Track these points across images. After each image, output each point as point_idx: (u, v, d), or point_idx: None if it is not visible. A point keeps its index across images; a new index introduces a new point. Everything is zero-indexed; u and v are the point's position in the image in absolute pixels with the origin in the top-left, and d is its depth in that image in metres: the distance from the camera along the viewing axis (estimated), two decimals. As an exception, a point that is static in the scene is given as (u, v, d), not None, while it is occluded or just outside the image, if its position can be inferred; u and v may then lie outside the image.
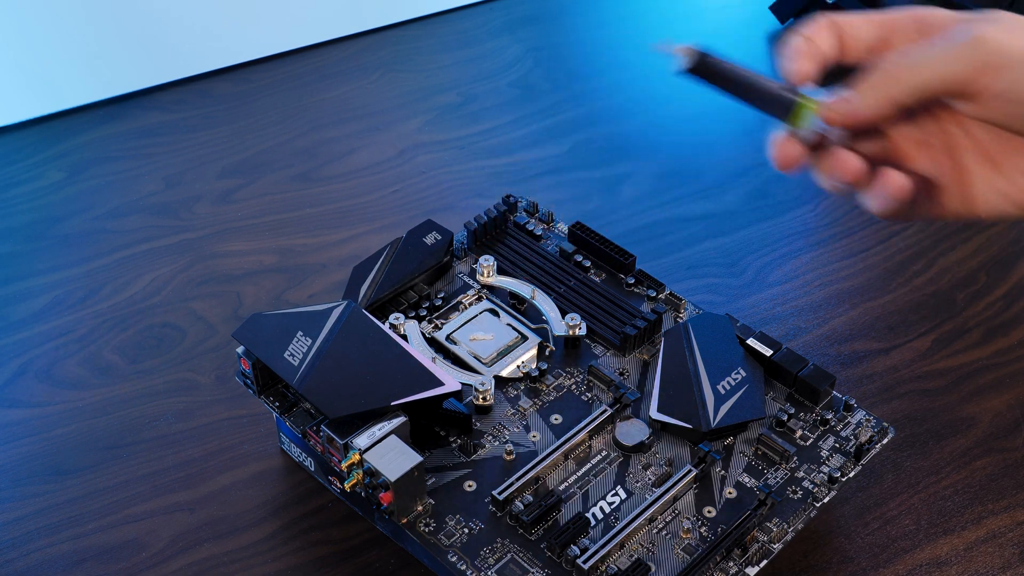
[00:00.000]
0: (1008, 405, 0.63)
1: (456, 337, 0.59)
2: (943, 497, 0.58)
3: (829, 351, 0.66)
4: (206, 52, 0.91)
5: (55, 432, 0.61)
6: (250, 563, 0.55)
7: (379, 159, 0.82)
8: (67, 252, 0.73)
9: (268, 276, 0.72)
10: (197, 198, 0.78)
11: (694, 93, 0.52)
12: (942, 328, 0.68)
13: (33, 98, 0.85)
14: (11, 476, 0.59)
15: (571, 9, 1.02)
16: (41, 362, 0.65)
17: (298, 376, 0.51)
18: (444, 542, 0.50)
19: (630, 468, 0.53)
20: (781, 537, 0.50)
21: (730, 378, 0.55)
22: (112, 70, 0.87)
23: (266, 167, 0.81)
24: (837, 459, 0.54)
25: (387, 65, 0.93)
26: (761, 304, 0.70)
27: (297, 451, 0.57)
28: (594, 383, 0.58)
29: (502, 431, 0.55)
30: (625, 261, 0.63)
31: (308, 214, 0.77)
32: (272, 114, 0.87)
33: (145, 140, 0.84)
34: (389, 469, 0.49)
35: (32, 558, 0.55)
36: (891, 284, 0.71)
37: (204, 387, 0.64)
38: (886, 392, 0.64)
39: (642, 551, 0.50)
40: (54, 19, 0.84)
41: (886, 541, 0.56)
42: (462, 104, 0.88)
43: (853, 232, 0.76)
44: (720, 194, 0.79)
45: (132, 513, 0.57)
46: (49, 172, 0.81)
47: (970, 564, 0.55)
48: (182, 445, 0.60)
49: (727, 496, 0.52)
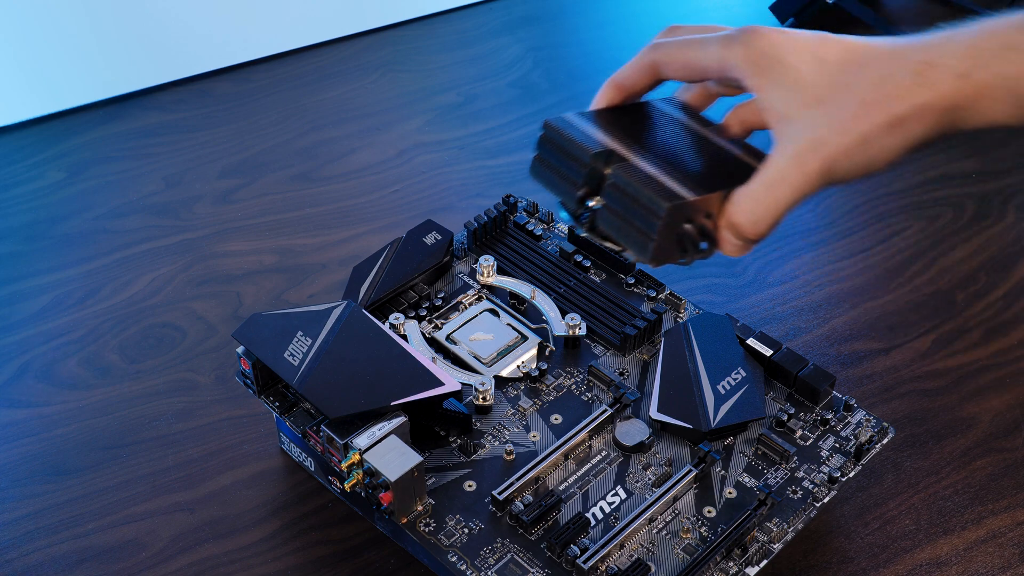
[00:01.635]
0: (1008, 405, 0.63)
1: (456, 337, 0.59)
2: (943, 497, 0.58)
3: (829, 351, 0.66)
4: (206, 52, 0.91)
5: (55, 432, 0.61)
6: (250, 563, 0.55)
7: (379, 159, 0.82)
8: (67, 252, 0.73)
9: (268, 276, 0.72)
10: (197, 198, 0.78)
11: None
12: (942, 328, 0.68)
13: (33, 98, 0.85)
14: (11, 476, 0.59)
15: (571, 9, 1.02)
16: (41, 362, 0.65)
17: (298, 376, 0.51)
18: (444, 542, 0.50)
19: (630, 468, 0.53)
20: (781, 537, 0.50)
21: (730, 378, 0.55)
22: (112, 70, 0.87)
23: (266, 167, 0.81)
24: (837, 459, 0.54)
25: (387, 65, 0.93)
26: (761, 304, 0.70)
27: (297, 451, 0.57)
28: (594, 383, 0.58)
29: (502, 431, 0.55)
30: (625, 261, 0.63)
31: (308, 214, 0.77)
32: (272, 114, 0.87)
33: (145, 140, 0.84)
34: (389, 469, 0.49)
35: (32, 558, 0.55)
36: (891, 284, 0.71)
37: (204, 387, 0.64)
38: (886, 392, 0.64)
39: (642, 551, 0.50)
40: (54, 19, 0.85)
41: (886, 541, 0.56)
42: (462, 104, 0.88)
43: (853, 232, 0.76)
44: (720, 194, 0.79)
45: (132, 513, 0.57)
46: (49, 172, 0.81)
47: (970, 564, 0.55)
48: (182, 445, 0.60)
49: (727, 496, 0.52)
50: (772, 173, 0.40)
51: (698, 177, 0.43)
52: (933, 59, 0.39)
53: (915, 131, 0.40)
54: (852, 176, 0.41)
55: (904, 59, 0.40)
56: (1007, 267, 0.73)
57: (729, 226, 0.42)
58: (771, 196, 0.41)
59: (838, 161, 0.40)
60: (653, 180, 0.42)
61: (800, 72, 0.40)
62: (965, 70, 0.39)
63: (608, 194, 0.43)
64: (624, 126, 0.45)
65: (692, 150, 0.45)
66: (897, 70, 0.39)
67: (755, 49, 0.41)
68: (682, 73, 0.44)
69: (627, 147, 0.44)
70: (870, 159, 0.40)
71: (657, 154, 0.44)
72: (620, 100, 0.46)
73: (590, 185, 0.43)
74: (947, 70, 0.39)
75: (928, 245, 0.75)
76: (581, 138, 0.43)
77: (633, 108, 0.47)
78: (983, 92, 0.39)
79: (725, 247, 0.43)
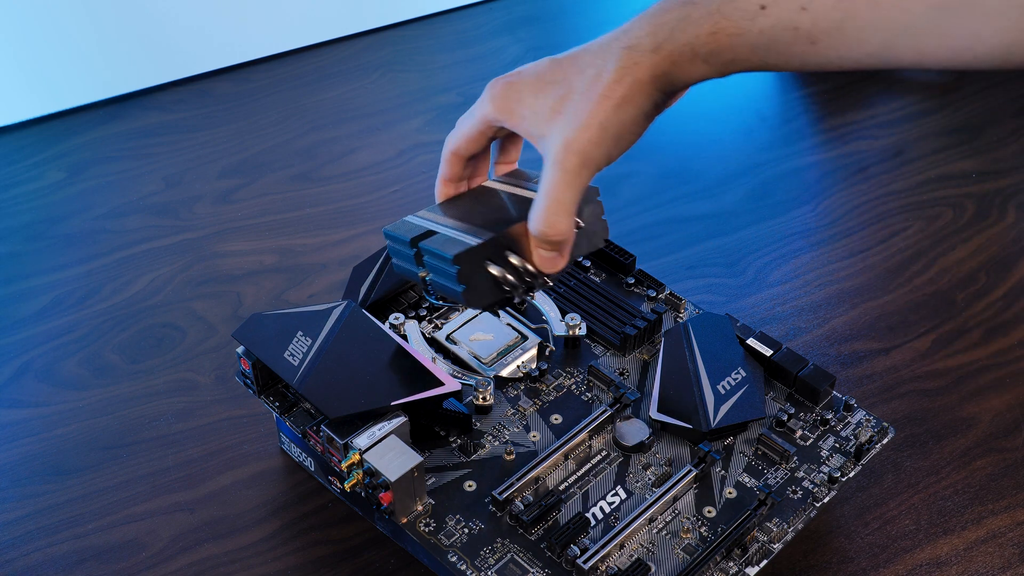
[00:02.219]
0: (1008, 405, 0.63)
1: (456, 337, 0.59)
2: (943, 497, 0.58)
3: (829, 351, 0.66)
4: (206, 52, 0.91)
5: (55, 432, 0.61)
6: (250, 563, 0.55)
7: (379, 159, 0.83)
8: (67, 252, 0.73)
9: (268, 276, 0.72)
10: (197, 198, 0.78)
11: (694, 93, 0.52)
12: (942, 328, 0.68)
13: (33, 98, 0.85)
14: (11, 476, 0.59)
15: (571, 9, 1.02)
16: (41, 362, 0.65)
17: (298, 376, 0.51)
18: (444, 542, 0.50)
19: (630, 468, 0.53)
20: (781, 537, 0.50)
21: (730, 378, 0.55)
22: (112, 70, 0.88)
23: (266, 167, 0.81)
24: (837, 459, 0.54)
25: (387, 65, 0.93)
26: (761, 304, 0.70)
27: (297, 451, 0.57)
28: (594, 383, 0.58)
29: (502, 431, 0.55)
30: (625, 261, 0.63)
31: (308, 214, 0.77)
32: (272, 114, 0.87)
33: (145, 140, 0.84)
34: (389, 469, 0.49)
35: (32, 558, 0.55)
36: (891, 284, 0.71)
37: (204, 387, 0.64)
38: (886, 392, 0.64)
39: (642, 551, 0.50)
40: (54, 19, 0.85)
41: (886, 541, 0.56)
42: (462, 104, 0.88)
43: (853, 232, 0.76)
44: (720, 194, 0.79)
45: (132, 513, 0.57)
46: (49, 172, 0.81)
47: (970, 564, 0.55)
48: (182, 445, 0.60)
49: (727, 496, 0.52)
50: (546, 182, 0.46)
51: (493, 224, 0.50)
52: (631, 42, 0.46)
53: (641, 103, 0.46)
54: (612, 155, 0.46)
55: (610, 50, 0.46)
56: (1007, 267, 0.73)
57: (535, 241, 0.48)
58: (553, 199, 0.46)
59: (589, 150, 0.46)
60: (449, 240, 0.49)
61: (535, 98, 0.48)
62: (655, 45, 0.45)
63: (426, 263, 0.50)
64: (445, 209, 0.52)
65: (495, 205, 0.52)
66: (607, 61, 0.46)
67: (500, 99, 0.49)
68: (469, 145, 0.52)
69: (439, 223, 0.51)
70: (617, 136, 0.46)
71: (463, 220, 0.51)
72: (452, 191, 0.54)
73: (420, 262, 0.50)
74: (642, 49, 0.45)
75: (928, 245, 0.75)
76: (403, 231, 0.51)
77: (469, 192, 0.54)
78: (675, 59, 0.45)
79: (542, 265, 0.49)
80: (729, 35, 0.44)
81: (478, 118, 0.50)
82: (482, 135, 0.51)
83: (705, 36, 0.45)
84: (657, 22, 0.46)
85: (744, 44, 0.45)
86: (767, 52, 0.45)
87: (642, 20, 0.46)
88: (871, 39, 0.43)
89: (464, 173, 0.54)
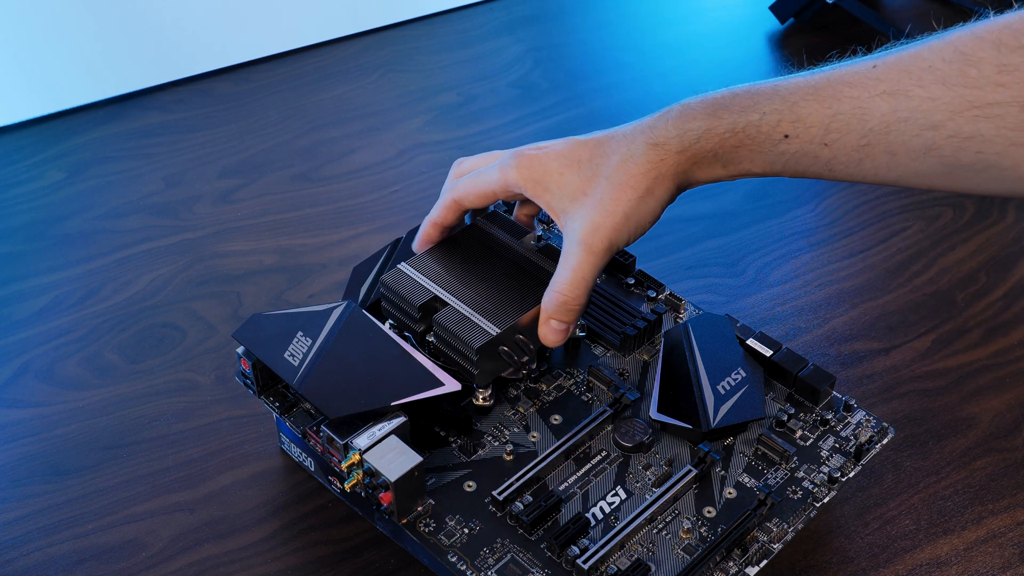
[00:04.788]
0: (1008, 405, 0.63)
1: (456, 337, 0.59)
2: (943, 497, 0.58)
3: (829, 351, 0.66)
4: (206, 52, 0.91)
5: (55, 432, 0.61)
6: (250, 563, 0.55)
7: (379, 159, 0.83)
8: (67, 252, 0.73)
9: (268, 276, 0.72)
10: (197, 198, 0.78)
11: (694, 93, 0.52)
12: (942, 328, 0.68)
13: (33, 98, 0.85)
14: (11, 476, 0.59)
15: (571, 9, 1.02)
16: (41, 362, 0.65)
17: (298, 376, 0.51)
18: (444, 542, 0.50)
19: (630, 468, 0.53)
20: (781, 537, 0.50)
21: (730, 378, 0.55)
22: (112, 70, 0.87)
23: (266, 167, 0.81)
24: (837, 459, 0.54)
25: (387, 65, 0.93)
26: (761, 304, 0.70)
27: (297, 451, 0.57)
28: (594, 383, 0.58)
29: (502, 431, 0.55)
30: (625, 261, 0.63)
31: (308, 214, 0.77)
32: (272, 114, 0.87)
33: (145, 140, 0.84)
34: (389, 469, 0.49)
35: (32, 558, 0.55)
36: (891, 284, 0.71)
37: (204, 387, 0.64)
38: (886, 392, 0.64)
39: (642, 551, 0.50)
40: (54, 19, 0.85)
41: (886, 541, 0.56)
42: (462, 104, 0.88)
43: (853, 232, 0.76)
44: (720, 194, 0.79)
45: (132, 513, 0.57)
46: (49, 172, 0.81)
47: (970, 564, 0.55)
48: (182, 445, 0.60)
49: (727, 496, 0.52)
50: (572, 259, 0.50)
51: (509, 304, 0.53)
52: (657, 139, 0.49)
53: (660, 195, 0.50)
54: (631, 239, 0.51)
55: (636, 143, 0.49)
56: (1007, 267, 0.73)
57: (550, 315, 0.52)
58: (576, 276, 0.50)
59: (614, 236, 0.50)
60: (467, 321, 0.52)
61: (564, 176, 0.51)
62: (681, 147, 0.49)
63: (436, 335, 0.54)
64: (447, 266, 0.56)
65: (504, 277, 0.55)
66: (634, 151, 0.49)
67: (525, 169, 0.51)
68: (478, 201, 0.54)
69: (448, 290, 0.54)
70: (638, 224, 0.50)
71: (475, 290, 0.54)
72: (440, 236, 0.57)
73: (425, 323, 0.54)
74: (668, 148, 0.49)
75: (928, 245, 0.75)
76: (410, 293, 0.54)
77: (456, 239, 0.57)
78: (697, 161, 0.49)
79: (549, 337, 0.52)
80: (751, 151, 0.48)
81: (499, 183, 0.53)
82: (494, 196, 0.54)
83: (728, 149, 0.48)
84: (684, 127, 0.49)
85: (764, 161, 0.48)
86: (784, 169, 0.49)
87: (668, 121, 0.49)
88: (885, 177, 0.47)
89: (457, 223, 0.57)
